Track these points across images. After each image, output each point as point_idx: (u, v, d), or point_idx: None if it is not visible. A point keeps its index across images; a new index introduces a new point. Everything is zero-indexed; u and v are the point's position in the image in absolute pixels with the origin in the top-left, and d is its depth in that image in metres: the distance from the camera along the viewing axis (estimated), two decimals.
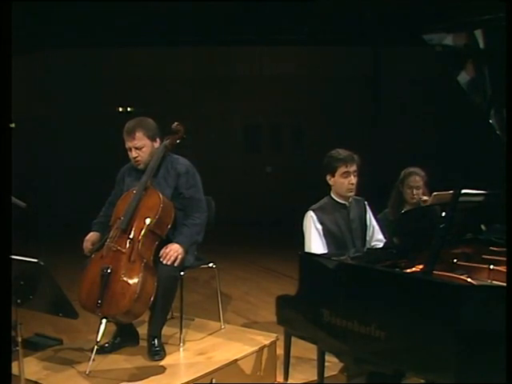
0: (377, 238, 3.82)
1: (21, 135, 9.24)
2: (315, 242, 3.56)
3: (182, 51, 10.38)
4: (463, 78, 3.07)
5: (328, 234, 3.61)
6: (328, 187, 3.71)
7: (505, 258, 2.85)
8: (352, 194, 3.69)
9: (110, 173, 4.07)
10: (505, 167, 2.58)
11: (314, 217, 3.62)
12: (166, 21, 9.09)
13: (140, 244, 3.39)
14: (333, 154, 3.67)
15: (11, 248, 2.54)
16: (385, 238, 3.83)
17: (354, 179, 3.64)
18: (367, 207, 3.85)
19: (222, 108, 10.58)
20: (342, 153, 3.65)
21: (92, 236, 3.70)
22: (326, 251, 3.54)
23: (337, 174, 3.63)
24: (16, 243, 2.68)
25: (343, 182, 3.62)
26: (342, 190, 3.65)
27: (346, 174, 3.62)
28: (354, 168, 3.63)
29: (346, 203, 3.71)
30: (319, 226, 3.60)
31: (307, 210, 3.67)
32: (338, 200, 3.70)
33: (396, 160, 5.29)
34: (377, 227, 3.85)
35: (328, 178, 3.68)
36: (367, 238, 3.80)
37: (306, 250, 3.59)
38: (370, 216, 3.84)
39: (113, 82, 10.29)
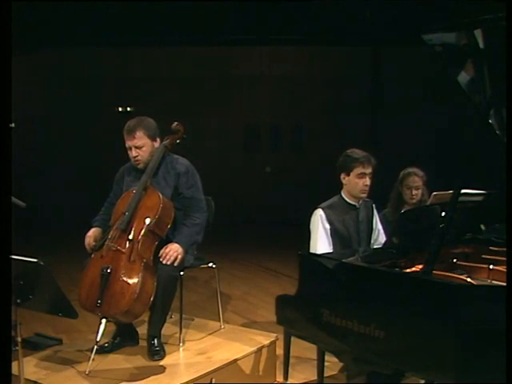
0: (380, 241, 3.79)
1: (21, 135, 9.24)
2: (322, 242, 3.54)
3: (181, 51, 10.37)
4: (463, 77, 3.07)
5: (335, 234, 3.58)
6: (339, 186, 3.70)
7: (504, 258, 2.85)
8: (365, 195, 3.66)
9: (110, 173, 4.07)
10: (505, 167, 2.58)
11: (323, 215, 3.59)
12: (166, 21, 9.09)
13: (140, 244, 3.39)
14: (350, 154, 3.63)
15: (11, 248, 2.54)
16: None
17: (368, 181, 3.60)
18: (375, 210, 3.83)
19: (222, 108, 10.58)
20: (359, 153, 3.61)
21: (94, 232, 3.69)
22: (331, 251, 3.52)
23: (352, 174, 3.59)
24: (16, 243, 2.68)
25: (358, 182, 3.59)
26: (355, 190, 3.62)
27: (362, 175, 3.58)
28: (369, 170, 3.60)
29: (356, 204, 3.69)
30: (327, 226, 3.57)
31: (316, 208, 3.65)
32: (349, 200, 3.67)
33: (396, 160, 5.29)
34: (382, 231, 3.84)
35: (342, 176, 3.64)
36: (371, 241, 3.79)
37: (312, 248, 3.58)
38: (376, 219, 3.83)
39: (113, 82, 10.28)
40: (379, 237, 3.81)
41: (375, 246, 3.77)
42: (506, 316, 2.19)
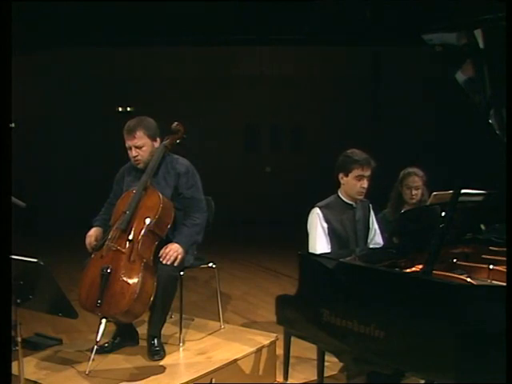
0: (376, 241, 3.81)
1: (21, 135, 9.25)
2: (320, 241, 3.54)
3: (182, 51, 10.38)
4: (463, 77, 3.07)
5: (333, 234, 3.58)
6: (337, 185, 3.70)
7: (504, 258, 2.85)
8: (361, 197, 3.66)
9: (110, 173, 4.07)
10: (505, 167, 2.58)
11: (321, 214, 3.59)
12: (166, 21, 9.09)
13: (140, 244, 3.39)
14: (350, 155, 3.62)
15: (11, 248, 2.54)
16: (384, 238, 3.82)
17: (366, 183, 3.60)
18: (371, 209, 3.83)
19: (222, 108, 10.59)
20: (359, 155, 3.60)
21: (95, 231, 3.68)
22: (329, 250, 3.52)
23: (350, 175, 3.59)
24: (16, 243, 2.68)
25: (355, 184, 3.59)
26: (352, 191, 3.63)
27: (360, 177, 3.58)
28: (368, 172, 3.59)
29: (353, 204, 3.69)
30: (325, 225, 3.57)
31: (313, 207, 3.64)
32: (346, 200, 3.68)
33: (396, 160, 5.29)
34: (378, 231, 3.84)
35: (340, 176, 3.64)
36: (368, 240, 3.80)
37: (311, 247, 3.58)
38: (373, 219, 3.83)
39: (113, 82, 10.29)
40: (375, 237, 3.82)
41: (371, 246, 3.78)
42: (506, 316, 2.19)
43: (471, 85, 3.06)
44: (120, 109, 10.56)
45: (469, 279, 2.75)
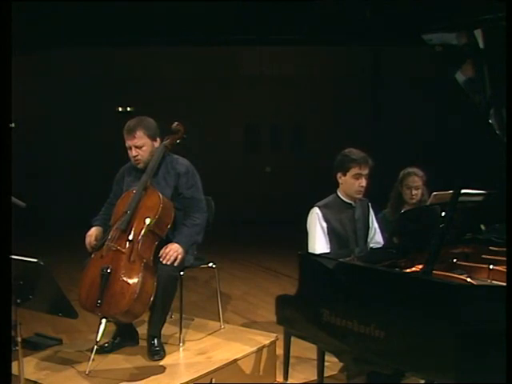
0: (376, 240, 3.81)
1: (21, 135, 9.24)
2: (319, 240, 3.55)
3: (182, 51, 10.38)
4: (463, 77, 3.07)
5: (332, 233, 3.59)
6: (336, 185, 3.70)
7: (504, 258, 2.85)
8: (360, 196, 3.67)
9: (110, 173, 4.07)
10: (505, 167, 2.58)
11: (320, 214, 3.59)
12: (166, 21, 9.09)
13: (140, 244, 3.39)
14: (348, 154, 3.63)
15: (11, 248, 2.54)
16: (384, 238, 3.83)
17: (364, 182, 3.61)
18: (370, 208, 3.84)
19: (222, 108, 10.58)
20: (356, 154, 3.61)
21: (95, 231, 3.68)
22: (329, 250, 3.53)
23: (348, 174, 3.60)
24: (16, 243, 2.68)
25: (354, 183, 3.60)
26: (350, 190, 3.63)
27: (358, 176, 3.59)
28: (366, 171, 3.60)
29: (352, 203, 3.70)
30: (324, 224, 3.58)
31: (312, 207, 3.65)
32: (345, 199, 3.68)
33: (396, 160, 5.29)
34: (378, 229, 3.84)
35: (338, 176, 3.65)
36: (368, 239, 3.80)
37: (310, 247, 3.58)
38: (372, 217, 3.84)
39: (113, 82, 10.29)
40: (375, 235, 3.83)
41: (371, 245, 3.79)
42: (506, 316, 2.19)
43: (471, 85, 3.06)
44: (120, 109, 10.56)
45: (469, 279, 2.75)
